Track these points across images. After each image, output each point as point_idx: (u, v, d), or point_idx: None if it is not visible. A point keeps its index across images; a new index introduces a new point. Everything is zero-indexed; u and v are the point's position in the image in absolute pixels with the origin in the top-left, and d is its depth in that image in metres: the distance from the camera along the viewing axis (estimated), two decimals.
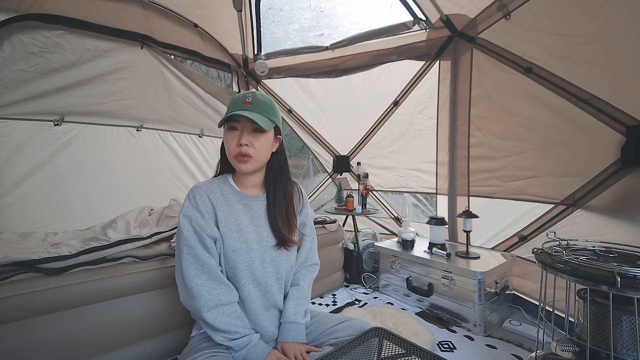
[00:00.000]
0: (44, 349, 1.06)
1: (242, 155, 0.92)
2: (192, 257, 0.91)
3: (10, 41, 1.80)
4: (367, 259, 2.30)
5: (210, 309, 0.89)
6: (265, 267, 0.98)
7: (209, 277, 0.90)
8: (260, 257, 0.97)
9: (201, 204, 0.93)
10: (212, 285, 0.90)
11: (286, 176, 1.07)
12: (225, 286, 0.93)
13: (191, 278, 0.89)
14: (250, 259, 0.95)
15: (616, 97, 1.38)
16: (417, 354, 0.74)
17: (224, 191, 0.99)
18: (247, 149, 0.92)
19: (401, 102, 2.46)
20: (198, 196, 0.94)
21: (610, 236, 1.31)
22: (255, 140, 0.93)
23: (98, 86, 2.15)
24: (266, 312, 1.00)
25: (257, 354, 0.89)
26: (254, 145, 0.93)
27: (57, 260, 1.16)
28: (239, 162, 0.94)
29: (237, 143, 0.92)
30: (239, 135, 0.93)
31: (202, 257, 0.90)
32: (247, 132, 0.93)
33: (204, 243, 0.92)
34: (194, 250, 0.91)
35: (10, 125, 1.87)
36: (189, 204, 0.94)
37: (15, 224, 1.82)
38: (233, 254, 0.94)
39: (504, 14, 1.72)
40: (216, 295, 0.90)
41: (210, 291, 0.89)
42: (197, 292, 0.89)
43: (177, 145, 2.68)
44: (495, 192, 1.92)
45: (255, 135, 0.94)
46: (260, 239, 0.98)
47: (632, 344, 0.87)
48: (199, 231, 0.91)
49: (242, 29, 2.67)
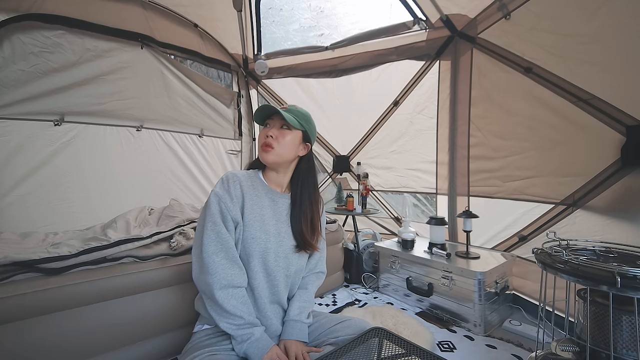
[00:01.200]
0: (44, 349, 1.06)
1: (266, 145, 1.01)
2: (215, 233, 0.94)
3: (10, 41, 1.80)
4: (367, 259, 2.30)
5: (222, 287, 0.91)
6: (278, 260, 1.02)
7: (226, 255, 0.94)
8: (275, 250, 1.01)
9: (232, 188, 0.99)
10: (228, 264, 0.93)
11: (313, 183, 1.13)
12: (239, 268, 0.96)
13: (209, 254, 0.92)
14: (266, 250, 0.99)
15: (616, 97, 1.39)
16: (417, 354, 0.74)
17: (254, 182, 1.06)
18: (271, 140, 1.01)
19: (401, 102, 2.46)
20: (231, 181, 1.00)
21: (610, 236, 1.31)
22: (280, 135, 1.02)
23: (98, 86, 2.15)
24: (271, 305, 1.03)
25: (259, 349, 0.90)
26: (278, 139, 1.02)
27: (57, 260, 1.16)
28: (262, 152, 1.02)
29: (265, 134, 1.03)
30: (266, 128, 1.04)
31: (223, 235, 0.94)
32: (275, 127, 1.03)
33: (227, 224, 0.96)
34: (217, 227, 0.94)
35: (10, 125, 1.87)
36: (222, 185, 0.99)
37: (15, 224, 1.82)
38: (252, 241, 0.98)
39: (504, 14, 1.72)
40: (230, 275, 0.93)
41: (225, 270, 0.92)
42: (214, 268, 0.91)
43: (177, 145, 2.68)
44: (495, 192, 1.92)
45: (281, 131, 1.03)
46: (278, 233, 1.03)
47: (632, 344, 0.87)
48: (225, 211, 0.96)
49: (242, 29, 2.67)
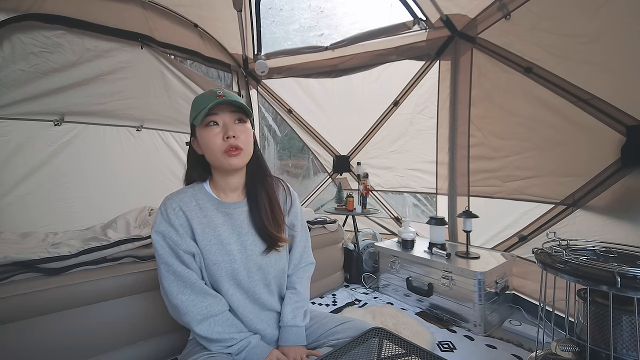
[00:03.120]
0: (44, 349, 1.06)
1: (232, 148, 0.84)
2: (171, 274, 0.85)
3: (10, 41, 1.80)
4: (367, 259, 2.30)
5: (200, 322, 0.84)
6: (251, 275, 0.93)
7: (193, 291, 0.85)
8: (245, 266, 0.92)
9: (174, 218, 0.86)
10: (198, 299, 0.86)
11: (264, 170, 0.99)
12: (213, 297, 0.88)
13: (175, 295, 0.85)
14: (234, 270, 0.90)
15: (616, 97, 1.38)
16: (417, 354, 0.73)
17: (199, 200, 0.91)
18: (236, 141, 0.84)
19: (401, 102, 2.46)
20: (170, 209, 0.87)
21: (610, 236, 1.31)
22: (240, 132, 0.86)
23: (98, 86, 2.15)
24: (261, 314, 0.97)
25: (258, 355, 0.87)
26: (239, 136, 0.85)
27: (57, 260, 1.16)
28: (230, 157, 0.85)
29: (223, 137, 0.84)
30: (222, 128, 0.85)
31: (181, 273, 0.85)
32: (230, 123, 0.86)
33: (182, 259, 0.86)
34: (172, 267, 0.85)
35: (10, 125, 1.87)
36: (161, 219, 0.87)
37: (15, 224, 1.82)
38: (214, 267, 0.88)
39: (504, 14, 1.72)
40: (204, 308, 0.85)
41: (197, 305, 0.85)
42: (184, 308, 0.84)
43: (177, 145, 2.68)
44: (495, 192, 1.92)
45: (239, 126, 0.87)
46: (243, 248, 0.92)
47: (632, 344, 0.87)
48: (175, 247, 0.85)
49: (242, 29, 2.67)
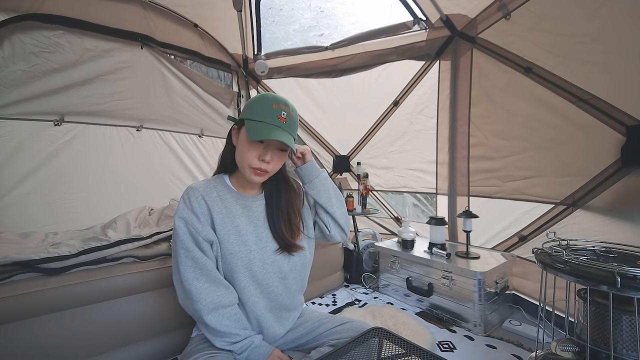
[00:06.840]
0: (44, 349, 1.06)
1: (260, 170, 0.90)
2: (190, 259, 0.89)
3: (10, 41, 1.80)
4: (367, 259, 2.30)
5: (210, 311, 0.87)
6: (266, 267, 0.96)
7: (208, 279, 0.89)
8: (261, 258, 0.95)
9: (196, 206, 0.91)
10: (212, 287, 0.89)
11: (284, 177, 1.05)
12: (225, 288, 0.91)
13: (190, 281, 0.88)
14: (250, 261, 0.94)
15: (616, 97, 1.38)
16: (417, 354, 0.74)
17: (220, 192, 0.96)
18: (267, 166, 0.91)
19: (401, 102, 2.46)
20: (193, 198, 0.92)
21: (610, 236, 1.31)
22: (277, 158, 0.93)
23: (98, 86, 2.15)
24: (270, 313, 0.98)
25: (259, 355, 0.89)
26: (273, 161, 0.92)
27: (57, 260, 1.16)
28: (254, 175, 0.91)
29: (260, 158, 0.90)
30: (263, 150, 0.90)
31: (199, 260, 0.89)
32: (272, 150, 0.91)
33: (200, 246, 0.90)
34: (192, 253, 0.89)
35: (10, 125, 1.87)
36: (184, 206, 0.91)
37: (15, 224, 1.82)
38: (231, 256, 0.92)
39: (504, 14, 1.72)
40: (216, 298, 0.88)
41: (210, 293, 0.88)
42: (197, 295, 0.87)
43: (177, 145, 2.68)
44: (495, 192, 1.92)
45: (278, 153, 0.93)
46: (259, 239, 0.97)
47: (632, 344, 0.87)
48: (195, 234, 0.89)
49: (242, 29, 2.67)
